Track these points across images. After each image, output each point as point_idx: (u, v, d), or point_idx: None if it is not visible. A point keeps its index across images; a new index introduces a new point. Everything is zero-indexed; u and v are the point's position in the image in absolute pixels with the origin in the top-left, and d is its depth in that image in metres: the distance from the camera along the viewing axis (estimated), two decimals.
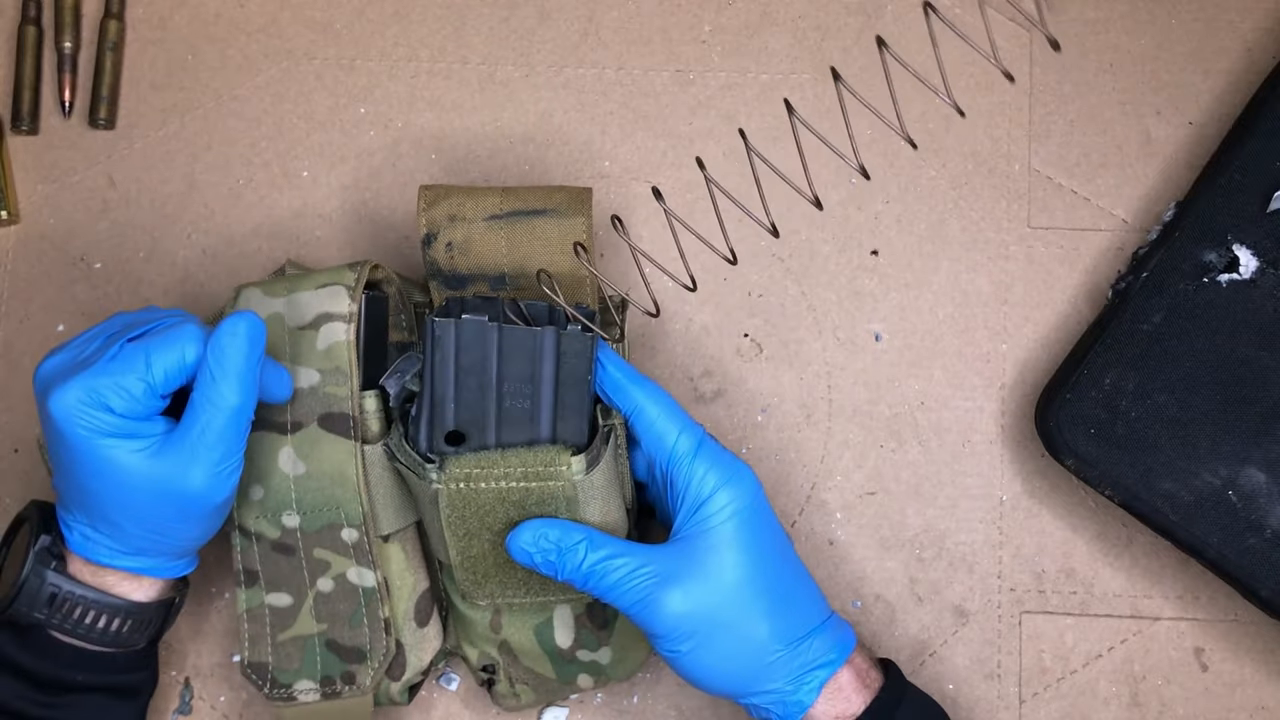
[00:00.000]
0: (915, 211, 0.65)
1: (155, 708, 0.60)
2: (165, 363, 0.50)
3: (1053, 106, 0.66)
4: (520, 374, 0.53)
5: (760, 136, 0.67)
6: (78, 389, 0.49)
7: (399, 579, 0.57)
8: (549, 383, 0.53)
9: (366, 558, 0.55)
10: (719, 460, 0.53)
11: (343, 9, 0.68)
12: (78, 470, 0.50)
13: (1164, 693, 0.61)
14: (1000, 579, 0.62)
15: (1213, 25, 0.66)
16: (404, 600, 0.57)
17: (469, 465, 0.53)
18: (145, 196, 0.67)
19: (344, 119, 0.67)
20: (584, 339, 0.52)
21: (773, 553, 0.53)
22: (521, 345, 0.52)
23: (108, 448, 0.49)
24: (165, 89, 0.68)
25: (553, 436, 0.54)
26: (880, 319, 0.64)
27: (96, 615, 0.53)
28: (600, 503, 0.54)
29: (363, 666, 0.56)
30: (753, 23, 0.67)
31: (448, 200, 0.57)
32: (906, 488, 0.63)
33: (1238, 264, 0.60)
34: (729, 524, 0.52)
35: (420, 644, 0.58)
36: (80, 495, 0.52)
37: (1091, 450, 0.59)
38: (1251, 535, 0.57)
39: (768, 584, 0.52)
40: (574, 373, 0.53)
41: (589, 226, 0.57)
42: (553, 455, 0.52)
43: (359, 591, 0.56)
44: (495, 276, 0.57)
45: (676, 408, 0.54)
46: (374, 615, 0.56)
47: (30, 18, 0.68)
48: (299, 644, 0.56)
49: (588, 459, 0.53)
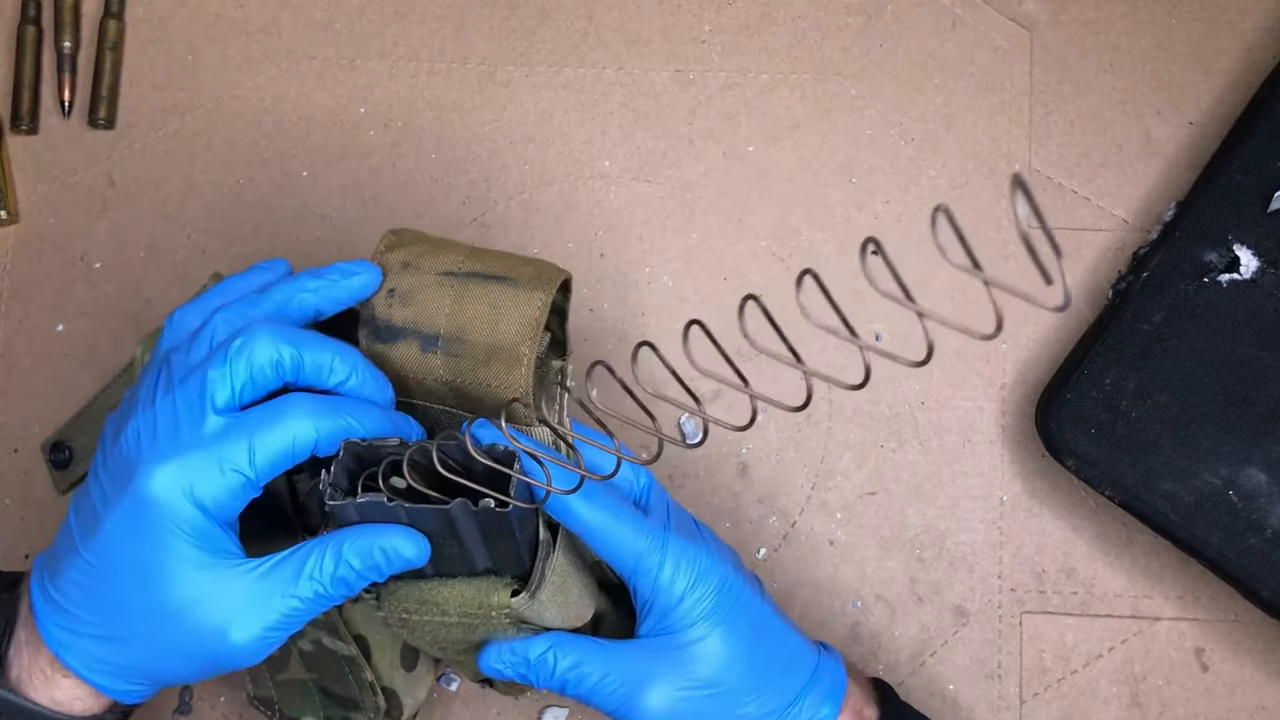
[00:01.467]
0: (915, 211, 0.65)
1: (155, 707, 0.60)
2: (273, 452, 0.45)
3: (1053, 106, 0.66)
4: (439, 532, 0.48)
5: (760, 137, 0.67)
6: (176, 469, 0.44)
7: (378, 634, 0.55)
8: (473, 538, 0.48)
9: (335, 631, 0.54)
10: (684, 559, 0.50)
11: (343, 9, 0.68)
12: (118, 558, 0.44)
13: (1164, 693, 0.61)
14: (1000, 579, 0.62)
15: (1213, 25, 0.66)
16: (387, 652, 0.56)
17: (407, 601, 0.50)
18: (145, 196, 0.67)
19: (344, 119, 0.67)
20: (499, 515, 0.46)
21: (749, 628, 0.51)
22: (431, 518, 0.47)
23: (176, 549, 0.44)
24: (165, 89, 0.68)
25: (489, 565, 0.50)
26: (880, 319, 0.64)
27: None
28: (558, 607, 0.50)
29: (359, 715, 0.56)
30: (753, 23, 0.67)
31: (409, 247, 0.51)
32: (907, 488, 0.63)
33: (1238, 264, 0.60)
34: (701, 623, 0.50)
35: (413, 686, 0.57)
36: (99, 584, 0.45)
37: (1092, 450, 0.59)
38: (1252, 535, 0.57)
39: (748, 663, 0.50)
40: (498, 530, 0.47)
41: (545, 304, 0.50)
42: (488, 595, 0.49)
43: (338, 657, 0.54)
44: (429, 335, 0.49)
45: (629, 516, 0.50)
46: (359, 677, 0.54)
47: (30, 17, 0.68)
48: (296, 687, 0.56)
49: (530, 592, 0.49)
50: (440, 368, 0.50)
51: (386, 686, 0.56)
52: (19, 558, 0.63)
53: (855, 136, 0.66)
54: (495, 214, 0.66)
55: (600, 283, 0.65)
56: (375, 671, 0.55)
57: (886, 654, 0.62)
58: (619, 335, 0.65)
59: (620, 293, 0.65)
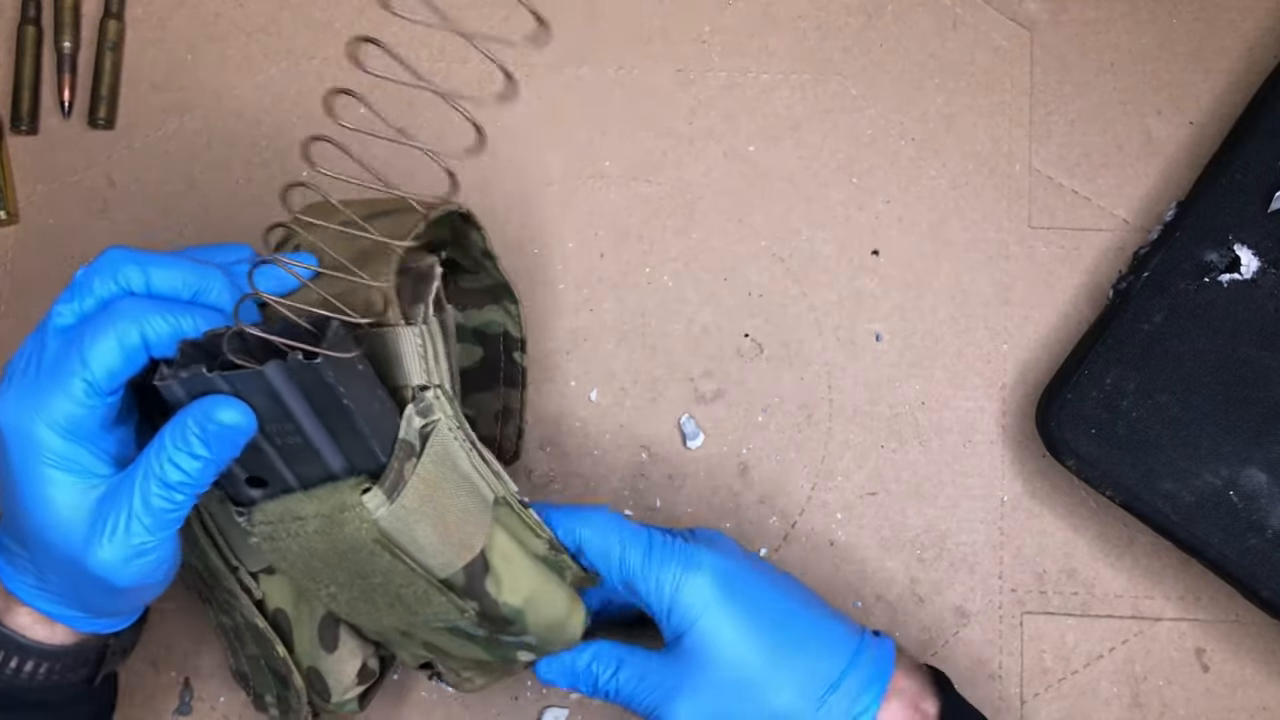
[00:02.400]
0: (915, 211, 0.65)
1: (155, 707, 0.60)
2: (103, 358, 0.44)
3: (1053, 106, 0.66)
4: (272, 413, 0.45)
5: (760, 137, 0.67)
6: (18, 398, 0.44)
7: (295, 609, 0.53)
8: (307, 416, 0.45)
9: (245, 607, 0.52)
10: (671, 556, 0.50)
11: (343, 9, 0.68)
12: (16, 490, 0.45)
13: (1165, 693, 0.61)
14: (1001, 579, 0.62)
15: (1213, 24, 0.66)
16: (306, 628, 0.54)
17: (271, 517, 0.47)
18: (145, 196, 0.67)
19: (344, 119, 0.67)
20: (312, 369, 0.43)
21: (768, 616, 0.50)
22: (254, 387, 0.44)
23: (41, 476, 0.44)
24: (165, 89, 0.68)
25: (346, 467, 0.46)
26: (881, 319, 0.64)
27: (7, 657, 0.47)
28: (430, 525, 0.47)
29: (289, 693, 0.55)
30: (753, 23, 0.67)
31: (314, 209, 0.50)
32: (907, 488, 0.63)
33: (1239, 264, 0.59)
34: (706, 616, 0.50)
35: (336, 667, 0.54)
36: (12, 517, 0.46)
37: (1092, 450, 0.59)
38: (1253, 536, 0.57)
39: (769, 653, 0.50)
40: (327, 401, 0.44)
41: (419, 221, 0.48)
42: (341, 496, 0.45)
43: (260, 629, 0.53)
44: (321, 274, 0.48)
45: (612, 522, 0.51)
46: (279, 653, 0.53)
47: (30, 18, 0.68)
48: (255, 662, 0.55)
49: (386, 488, 0.46)
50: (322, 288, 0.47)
51: (310, 666, 0.54)
52: None
53: (855, 136, 0.66)
54: (495, 214, 0.66)
55: (600, 283, 0.65)
56: (295, 650, 0.54)
57: None
58: (619, 335, 0.65)
59: (620, 293, 0.65)
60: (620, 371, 0.64)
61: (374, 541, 0.46)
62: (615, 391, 0.64)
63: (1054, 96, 0.66)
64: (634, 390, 0.64)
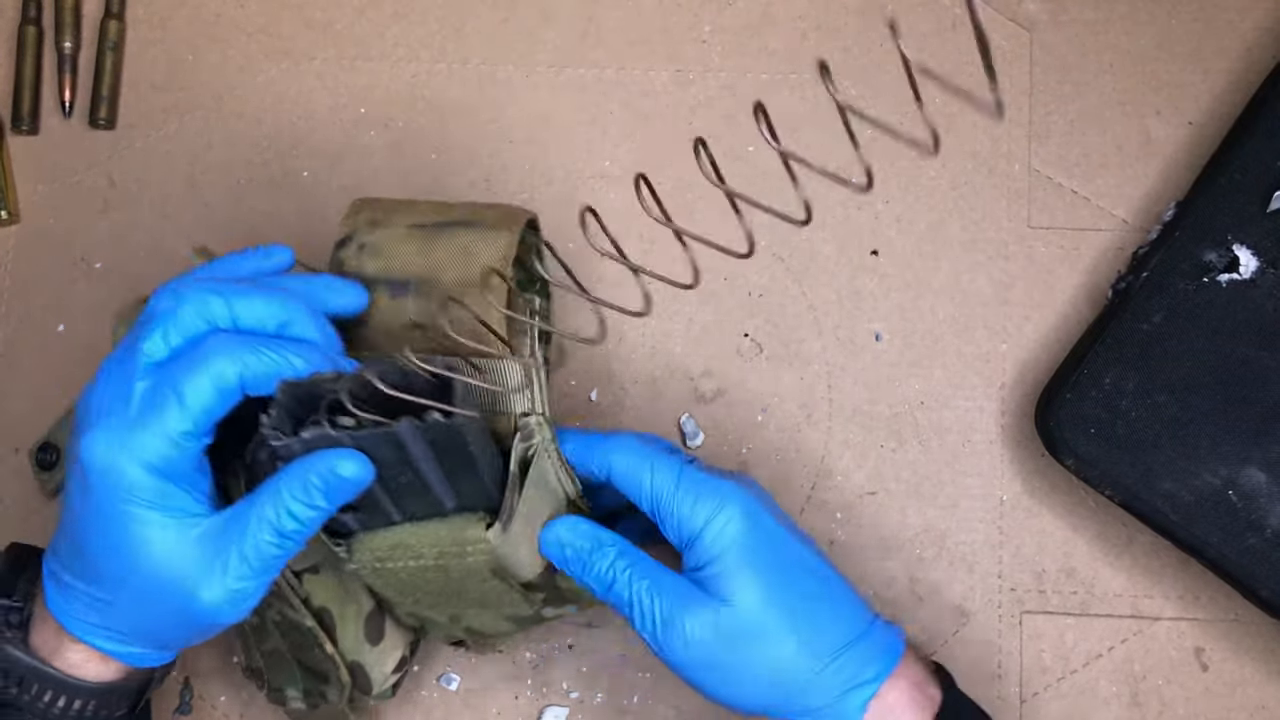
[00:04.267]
0: (915, 211, 0.65)
1: (155, 707, 0.60)
2: (199, 398, 0.44)
3: (1053, 106, 0.66)
4: (391, 461, 0.46)
5: (760, 137, 0.67)
6: (109, 437, 0.44)
7: (340, 606, 0.55)
8: (428, 461, 0.46)
9: (291, 604, 0.53)
10: (703, 490, 0.50)
11: (343, 9, 0.68)
12: (92, 532, 0.45)
13: (1164, 692, 0.61)
14: (1001, 579, 0.62)
15: (1212, 25, 0.66)
16: (351, 625, 0.55)
17: (379, 548, 0.49)
18: (145, 196, 0.67)
19: (344, 119, 0.67)
20: (446, 427, 0.44)
21: (788, 566, 0.50)
22: (380, 441, 0.45)
23: (135, 517, 0.44)
24: (165, 89, 0.68)
25: (457, 503, 0.49)
26: (880, 319, 0.64)
27: (55, 695, 0.47)
28: (527, 545, 0.51)
29: (329, 688, 0.56)
30: (753, 23, 0.67)
31: (375, 208, 0.52)
32: (907, 488, 0.63)
33: (1238, 264, 0.60)
34: (729, 553, 0.49)
35: (380, 660, 0.56)
36: (80, 553, 0.46)
37: (1091, 450, 0.59)
38: (1252, 535, 0.57)
39: (787, 601, 0.49)
40: (453, 452, 0.46)
41: (511, 244, 0.51)
42: (463, 531, 0.48)
43: (302, 628, 0.54)
44: (399, 282, 0.50)
45: (644, 449, 0.51)
46: (323, 649, 0.54)
47: (30, 18, 0.68)
48: (278, 657, 0.56)
49: (503, 522, 0.49)
50: (411, 311, 0.50)
51: (353, 660, 0.55)
52: None
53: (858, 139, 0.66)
54: None
55: (600, 282, 0.65)
56: (340, 646, 0.55)
57: None
58: (619, 335, 0.65)
59: (620, 293, 0.65)
60: (620, 371, 0.64)
61: (486, 569, 0.49)
62: (615, 391, 0.64)
63: (1054, 96, 0.66)
64: (634, 390, 0.64)
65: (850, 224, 0.65)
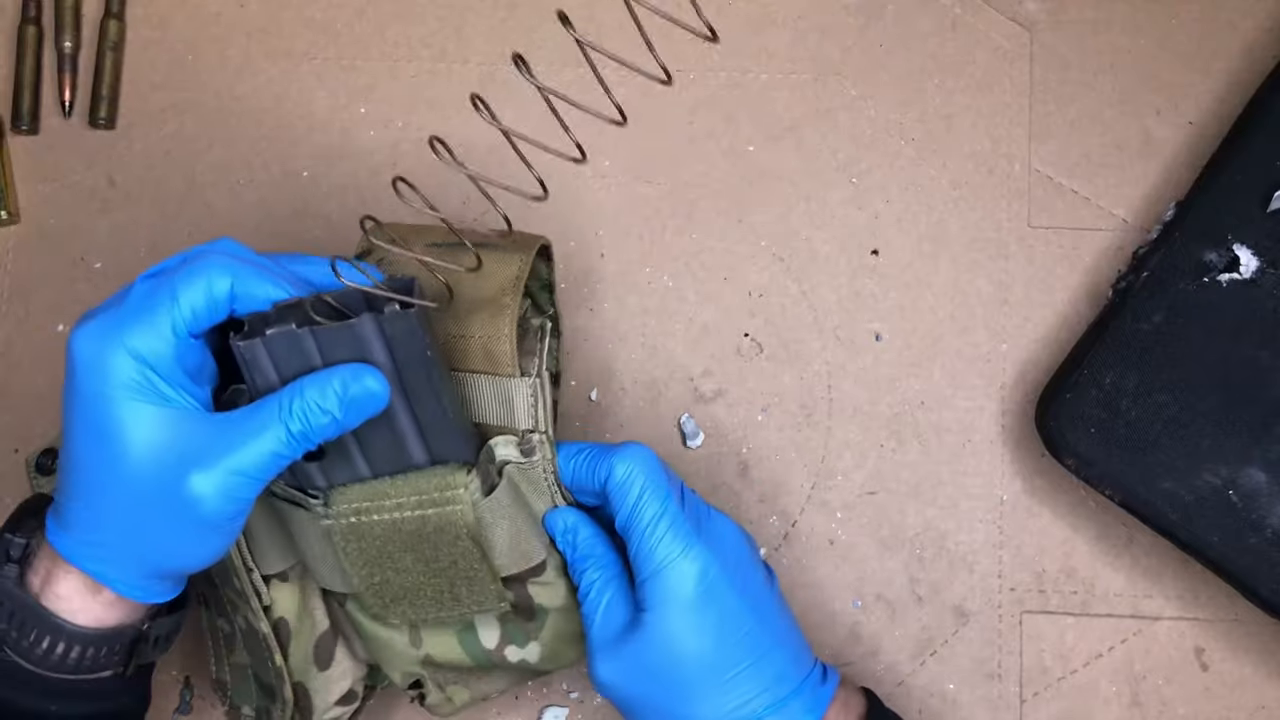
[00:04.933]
0: (915, 211, 0.65)
1: (156, 707, 0.60)
2: (191, 297, 0.45)
3: (1053, 106, 0.66)
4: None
5: (760, 137, 0.67)
6: (100, 327, 0.44)
7: (297, 621, 0.55)
8: (394, 381, 0.47)
9: (252, 607, 0.53)
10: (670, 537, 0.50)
11: (343, 9, 0.68)
12: (79, 430, 0.45)
13: (1164, 692, 0.61)
14: (1001, 579, 0.62)
15: (1213, 25, 0.66)
16: (304, 643, 0.55)
17: (358, 498, 0.49)
18: (145, 196, 0.67)
19: (344, 119, 0.67)
20: (404, 316, 0.46)
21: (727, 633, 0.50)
22: (342, 344, 0.46)
23: (121, 404, 0.44)
24: (165, 89, 0.68)
25: (428, 458, 0.50)
26: (880, 319, 0.64)
27: (40, 636, 0.47)
28: (506, 529, 0.51)
29: (275, 705, 0.55)
30: (753, 23, 0.67)
31: (394, 229, 0.54)
32: (907, 487, 0.63)
33: (1238, 264, 0.60)
34: (670, 609, 0.50)
35: (325, 687, 0.56)
36: (72, 465, 0.46)
37: (1092, 450, 0.59)
38: (1252, 535, 0.57)
39: (714, 670, 0.49)
40: (411, 358, 0.47)
41: (526, 264, 0.52)
42: (446, 478, 0.49)
43: (260, 635, 0.54)
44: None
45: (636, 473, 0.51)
46: (273, 661, 0.54)
47: (30, 18, 0.68)
48: (241, 671, 0.56)
49: (482, 484, 0.50)
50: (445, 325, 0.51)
51: (298, 682, 0.55)
52: None
53: (855, 136, 0.66)
54: (495, 214, 0.66)
55: (600, 283, 0.65)
56: (289, 662, 0.54)
57: (886, 654, 0.62)
58: (619, 335, 0.65)
59: (620, 293, 0.65)
60: (620, 371, 0.64)
61: (464, 526, 0.50)
62: (615, 391, 0.64)
63: (1054, 97, 0.66)
64: (634, 390, 0.64)
65: (850, 224, 0.65)
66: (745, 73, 0.67)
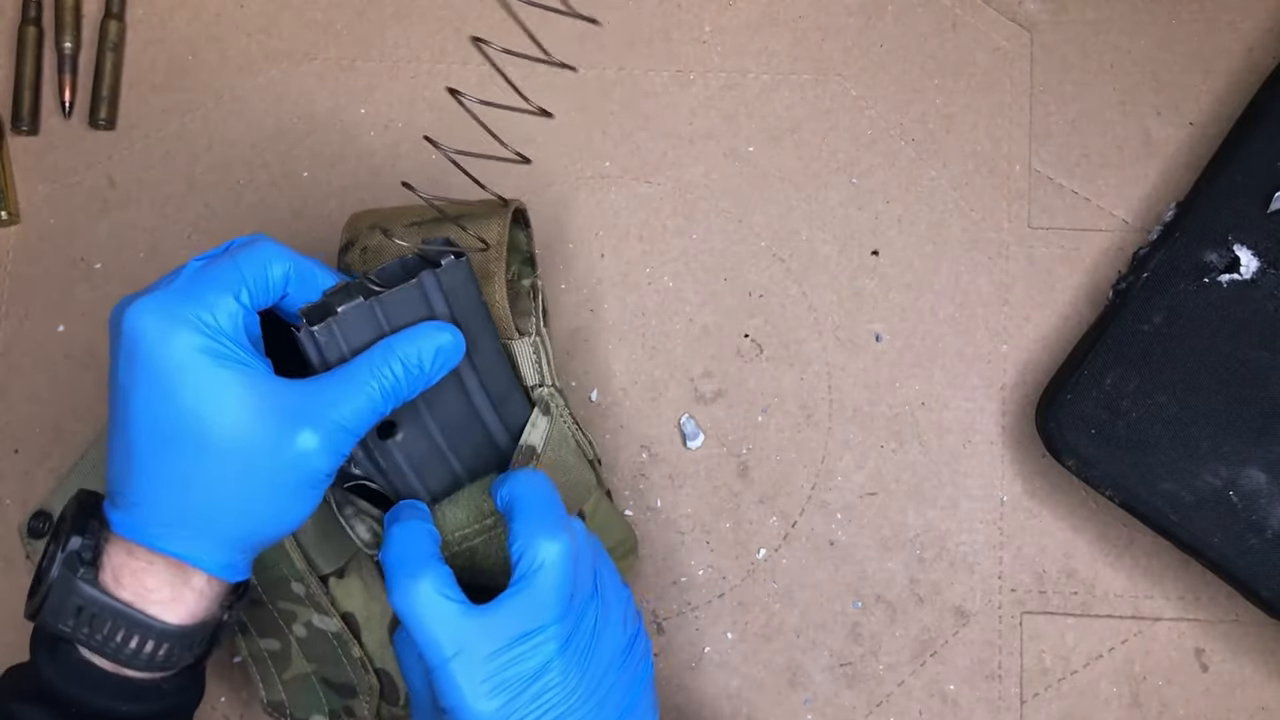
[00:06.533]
0: (915, 211, 0.65)
1: None
2: (255, 273, 0.46)
3: (1053, 106, 0.66)
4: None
5: (760, 137, 0.67)
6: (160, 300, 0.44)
7: (365, 610, 0.55)
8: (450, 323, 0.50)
9: (321, 606, 0.54)
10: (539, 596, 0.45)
11: (343, 9, 0.68)
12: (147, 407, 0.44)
13: (1165, 693, 0.61)
14: (1001, 579, 0.62)
15: (1213, 25, 0.66)
16: (376, 629, 0.56)
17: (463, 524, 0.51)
18: (145, 196, 0.67)
19: (344, 119, 0.67)
20: (460, 265, 0.49)
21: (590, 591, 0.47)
22: (408, 306, 0.49)
23: (204, 371, 0.43)
24: (165, 89, 0.68)
25: (488, 399, 0.51)
26: (880, 319, 0.64)
27: (128, 635, 0.46)
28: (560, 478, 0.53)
29: (357, 701, 0.56)
30: (753, 23, 0.67)
31: (374, 215, 0.56)
32: (907, 488, 0.63)
33: (1238, 264, 0.60)
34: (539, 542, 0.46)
35: None
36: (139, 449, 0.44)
37: (1092, 451, 0.59)
38: (1252, 536, 0.57)
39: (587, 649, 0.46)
40: (467, 306, 0.50)
41: (504, 227, 0.54)
42: None
43: (328, 635, 0.55)
44: None
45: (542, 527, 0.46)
46: (350, 655, 0.55)
47: (30, 18, 0.68)
48: (301, 682, 0.56)
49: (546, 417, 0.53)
50: None
51: (380, 667, 0.56)
52: (21, 558, 0.63)
53: (855, 136, 0.66)
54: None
55: (600, 283, 0.65)
56: (365, 650, 0.55)
57: (887, 654, 0.62)
58: (619, 335, 0.65)
59: (620, 293, 0.65)
60: (620, 371, 0.64)
61: None
62: (615, 391, 0.64)
63: (1054, 97, 0.66)
64: (634, 390, 0.64)
65: (850, 224, 0.65)
66: (745, 73, 0.67)
